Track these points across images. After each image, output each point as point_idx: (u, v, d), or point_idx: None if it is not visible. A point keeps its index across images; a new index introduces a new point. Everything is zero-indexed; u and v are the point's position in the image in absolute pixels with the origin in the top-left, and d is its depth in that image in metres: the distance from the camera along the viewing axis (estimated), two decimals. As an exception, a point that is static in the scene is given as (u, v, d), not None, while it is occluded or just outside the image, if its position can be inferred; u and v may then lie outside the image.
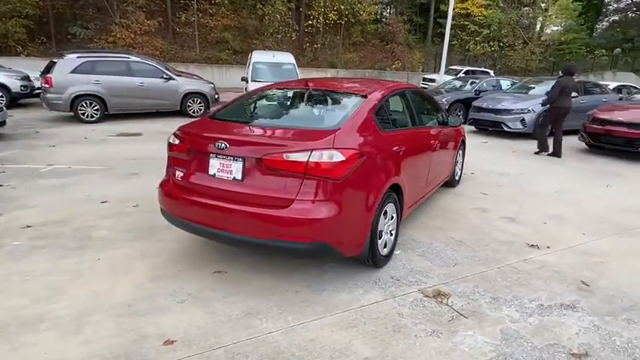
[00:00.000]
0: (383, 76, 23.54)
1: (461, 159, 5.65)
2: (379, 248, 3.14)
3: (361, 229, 2.89)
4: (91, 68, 9.81)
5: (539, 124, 8.68)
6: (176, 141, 3.12)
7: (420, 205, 4.37)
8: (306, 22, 23.81)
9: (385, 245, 3.26)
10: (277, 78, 12.70)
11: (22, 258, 3.31)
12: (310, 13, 23.55)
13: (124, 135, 8.67)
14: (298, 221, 2.61)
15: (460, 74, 21.86)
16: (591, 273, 3.26)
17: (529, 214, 4.57)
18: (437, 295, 2.90)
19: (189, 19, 21.22)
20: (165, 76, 10.91)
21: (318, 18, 23.66)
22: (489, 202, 4.97)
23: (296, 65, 13.21)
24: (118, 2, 19.11)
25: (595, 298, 2.90)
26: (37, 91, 11.34)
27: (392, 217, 3.32)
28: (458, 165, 5.53)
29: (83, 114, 9.77)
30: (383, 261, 3.26)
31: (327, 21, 24.16)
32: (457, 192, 5.37)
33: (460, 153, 5.53)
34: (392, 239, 3.38)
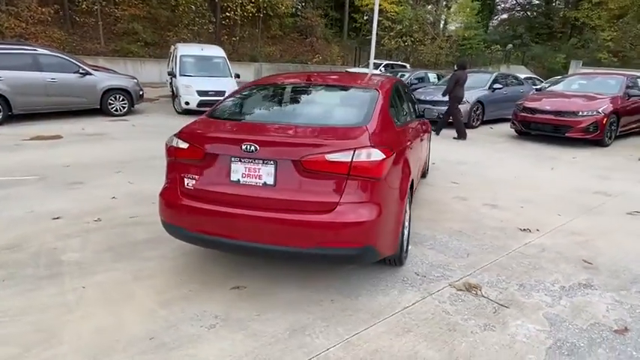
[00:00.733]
0: (308, 70, 23.58)
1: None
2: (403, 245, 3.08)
3: (396, 228, 2.80)
4: (-11, 63, 8.36)
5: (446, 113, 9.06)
6: (184, 145, 2.72)
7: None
8: (222, 14, 22.86)
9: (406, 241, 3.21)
10: (207, 72, 12.06)
11: (-18, 297, 2.67)
12: (227, 5, 22.64)
13: (41, 139, 7.52)
14: (345, 225, 2.43)
15: (380, 68, 22.74)
16: (586, 252, 3.55)
17: (505, 200, 4.85)
18: (469, 288, 2.93)
19: (90, 8, 19.12)
20: (81, 71, 9.69)
21: (235, 10, 22.84)
22: (464, 191, 5.19)
23: (227, 59, 12.61)
24: (4, -15, 16.55)
25: (602, 275, 3.16)
26: None
27: (406, 212, 3.28)
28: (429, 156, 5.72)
29: (-21, 116, 8.30)
30: (405, 258, 3.21)
31: (245, 13, 23.44)
32: (429, 182, 5.53)
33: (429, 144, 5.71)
34: (407, 234, 3.35)
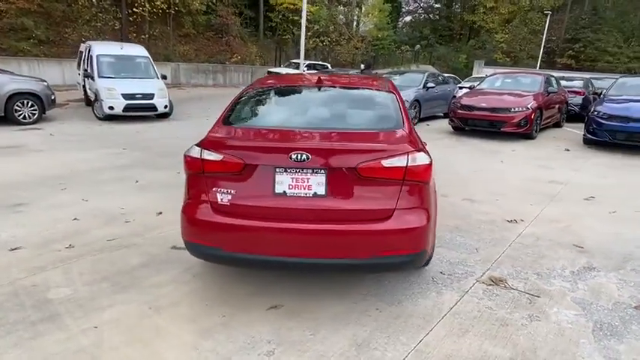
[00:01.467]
0: (229, 70, 22.88)
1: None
2: (428, 245, 3.13)
3: (434, 229, 2.83)
4: None
5: None
6: (217, 156, 2.45)
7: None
8: (129, 10, 21.19)
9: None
10: (130, 73, 11.11)
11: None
12: (134, 0, 21.04)
13: (-59, 155, 6.33)
14: (405, 232, 2.40)
15: (302, 67, 22.89)
16: (571, 237, 3.93)
17: (479, 194, 5.18)
18: (496, 282, 3.07)
19: (-35, 1, 16.50)
20: (-22, 74, 8.32)
21: (143, 5, 21.31)
22: (439, 187, 5.42)
23: (151, 58, 11.72)
24: None
25: (597, 257, 3.52)
26: None
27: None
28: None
29: None
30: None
31: (155, 9, 22.00)
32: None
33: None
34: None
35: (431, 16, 41.24)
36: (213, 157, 2.46)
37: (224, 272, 3.09)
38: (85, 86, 11.52)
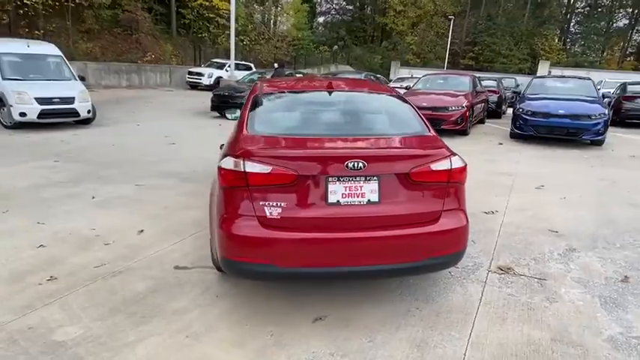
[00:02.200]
0: (144, 70, 21.38)
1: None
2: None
3: None
4: None
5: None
6: (264, 168, 2.32)
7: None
8: (19, 2, 18.80)
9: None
10: (42, 75, 9.95)
11: None
12: (23, -9, 18.71)
13: None
14: (453, 232, 2.52)
15: (226, 67, 22.33)
16: (544, 223, 4.38)
17: (448, 189, 5.52)
18: (505, 271, 3.33)
19: None
20: None
21: (35, -4, 19.05)
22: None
23: (64, 58, 10.56)
24: None
25: (572, 239, 3.97)
26: None
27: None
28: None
29: None
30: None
31: (50, 1, 19.81)
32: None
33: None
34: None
35: (344, 17, 42.63)
36: (259, 170, 2.33)
37: (248, 290, 2.94)
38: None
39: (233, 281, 3.02)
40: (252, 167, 2.34)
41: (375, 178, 2.39)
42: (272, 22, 34.30)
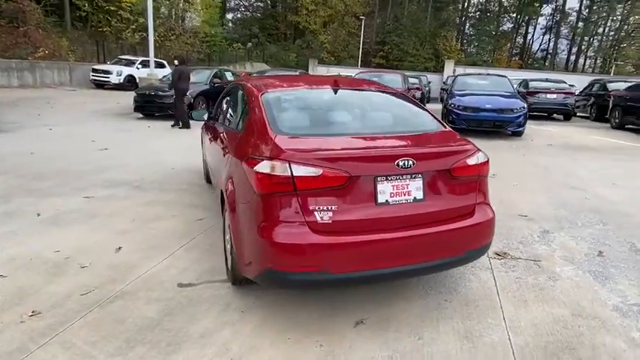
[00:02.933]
0: (38, 68, 18.92)
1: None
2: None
3: None
4: None
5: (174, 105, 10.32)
6: (314, 171, 2.17)
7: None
8: None
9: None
10: None
11: None
12: None
13: None
14: (487, 224, 2.62)
15: (137, 65, 20.82)
16: (513, 209, 4.74)
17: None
18: (503, 256, 3.55)
19: None
20: None
21: None
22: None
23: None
24: None
25: (542, 222, 4.36)
26: None
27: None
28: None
29: None
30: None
31: None
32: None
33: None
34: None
35: (254, 15, 41.99)
36: (308, 173, 2.19)
37: (273, 301, 2.76)
38: None
39: (252, 294, 2.82)
40: (300, 170, 2.19)
41: (420, 176, 2.39)
42: (180, 18, 32.62)
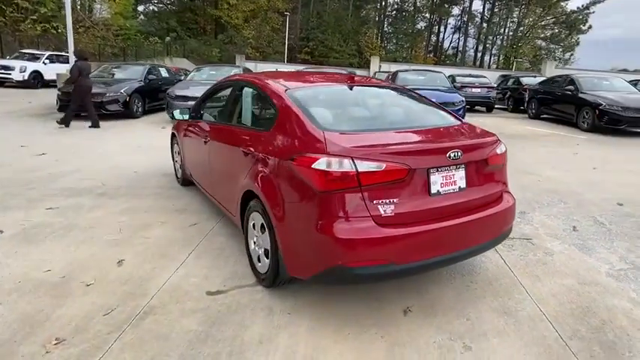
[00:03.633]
0: None
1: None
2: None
3: None
4: None
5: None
6: (379, 166, 2.21)
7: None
8: None
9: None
10: None
11: None
12: None
13: None
14: (512, 207, 2.84)
15: (44, 59, 18.83)
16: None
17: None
18: (498, 237, 3.86)
19: None
20: None
21: None
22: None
23: None
24: None
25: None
26: None
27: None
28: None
29: None
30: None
31: None
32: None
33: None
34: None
35: (168, 7, 39.83)
36: (373, 168, 2.22)
37: (313, 300, 2.74)
38: None
39: (290, 295, 2.77)
40: (363, 166, 2.21)
41: (463, 166, 2.53)
42: (87, 9, 29.97)
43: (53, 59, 19.34)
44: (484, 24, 46.32)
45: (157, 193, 4.83)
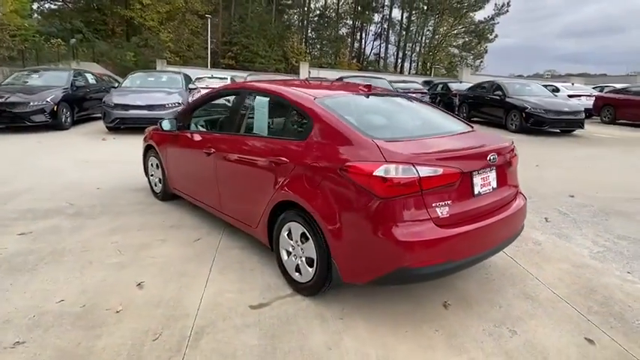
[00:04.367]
0: None
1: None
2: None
3: None
4: None
5: None
6: (438, 170, 2.44)
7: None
8: None
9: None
10: None
11: None
12: None
13: None
14: (526, 204, 3.23)
15: None
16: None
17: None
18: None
19: None
20: None
21: None
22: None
23: None
24: None
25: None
26: None
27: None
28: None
29: None
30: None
31: None
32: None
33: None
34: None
35: (69, 5, 36.81)
36: (432, 173, 2.44)
37: (357, 303, 2.89)
38: None
39: (334, 301, 2.89)
40: (424, 171, 2.42)
41: (494, 168, 2.86)
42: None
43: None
44: (403, 31, 49.39)
45: (140, 210, 4.61)
